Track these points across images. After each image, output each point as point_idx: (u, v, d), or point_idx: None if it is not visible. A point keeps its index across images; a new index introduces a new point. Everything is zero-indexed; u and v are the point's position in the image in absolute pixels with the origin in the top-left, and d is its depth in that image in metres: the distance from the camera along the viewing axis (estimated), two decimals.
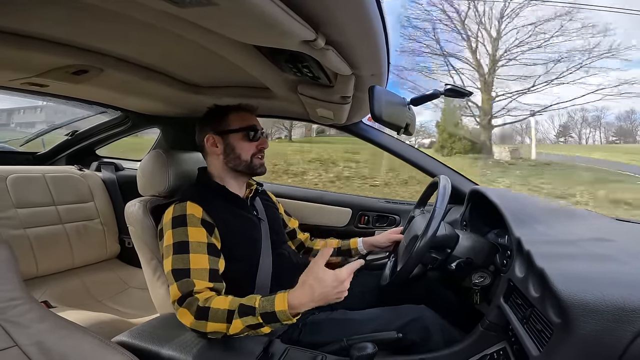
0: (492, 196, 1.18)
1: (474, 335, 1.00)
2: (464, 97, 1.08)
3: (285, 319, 0.82)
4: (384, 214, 1.78)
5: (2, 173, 1.64)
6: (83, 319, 1.20)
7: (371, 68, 0.86)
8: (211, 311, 0.84)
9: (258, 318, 0.82)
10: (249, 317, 0.83)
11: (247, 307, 0.84)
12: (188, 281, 0.90)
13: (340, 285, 0.85)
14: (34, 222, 1.69)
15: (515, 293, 0.90)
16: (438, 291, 1.28)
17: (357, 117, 1.48)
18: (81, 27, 0.84)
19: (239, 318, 0.83)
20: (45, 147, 2.22)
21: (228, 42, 0.79)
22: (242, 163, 1.13)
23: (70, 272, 1.81)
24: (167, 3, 0.54)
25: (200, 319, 0.84)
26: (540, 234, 0.97)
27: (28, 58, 0.97)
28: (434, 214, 0.99)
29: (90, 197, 1.97)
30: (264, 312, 0.82)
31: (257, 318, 0.82)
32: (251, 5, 0.51)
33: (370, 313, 1.12)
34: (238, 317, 0.83)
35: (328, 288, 0.84)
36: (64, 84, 1.22)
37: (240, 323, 0.83)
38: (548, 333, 0.72)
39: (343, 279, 0.85)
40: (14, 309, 0.73)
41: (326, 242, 1.46)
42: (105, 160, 2.22)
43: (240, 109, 1.18)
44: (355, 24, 0.63)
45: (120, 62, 1.07)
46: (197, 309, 0.85)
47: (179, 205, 1.01)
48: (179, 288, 0.89)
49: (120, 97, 1.54)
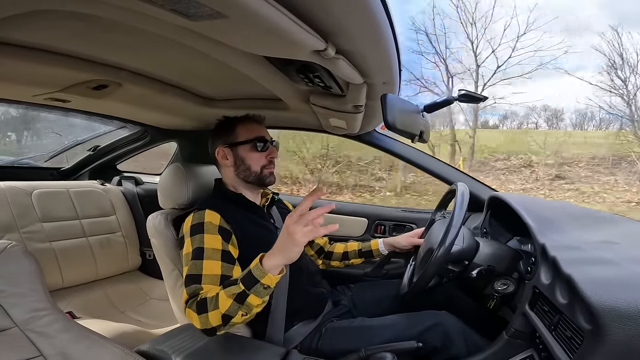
0: (513, 202, 1.15)
1: (499, 343, 0.97)
2: (479, 102, 1.07)
3: (260, 274, 0.80)
4: (400, 223, 1.76)
5: (27, 188, 1.70)
6: (106, 330, 1.22)
7: (383, 76, 0.86)
8: (208, 300, 0.85)
9: (240, 285, 0.82)
10: (232, 286, 0.83)
11: (233, 280, 0.85)
12: (197, 287, 0.91)
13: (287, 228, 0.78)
14: (59, 236, 1.73)
15: (541, 300, 0.87)
16: (459, 298, 1.25)
17: (370, 126, 1.48)
18: (100, 42, 0.87)
19: (223, 290, 0.83)
20: (68, 162, 2.29)
21: (240, 55, 0.81)
22: (252, 174, 1.15)
23: (94, 283, 1.85)
24: (180, 17, 0.55)
25: (201, 313, 0.85)
26: (565, 239, 0.94)
27: (50, 73, 1.01)
28: (451, 224, 0.97)
29: (112, 211, 2.02)
30: (243, 277, 0.82)
31: (239, 285, 0.82)
32: (261, 16, 0.52)
33: (390, 320, 1.10)
34: (223, 290, 0.84)
35: (282, 235, 0.80)
36: (85, 99, 1.26)
37: (225, 295, 0.82)
38: (578, 340, 0.70)
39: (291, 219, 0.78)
40: (40, 320, 0.75)
41: (347, 245, 1.45)
42: (126, 175, 2.28)
43: (247, 119, 1.19)
44: (365, 32, 0.63)
45: (138, 76, 1.11)
46: (196, 304, 0.86)
47: (198, 213, 1.04)
48: (187, 292, 0.91)
49: (139, 112, 1.59)
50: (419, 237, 1.36)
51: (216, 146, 1.17)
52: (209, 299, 0.85)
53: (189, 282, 0.92)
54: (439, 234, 1.00)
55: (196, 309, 0.86)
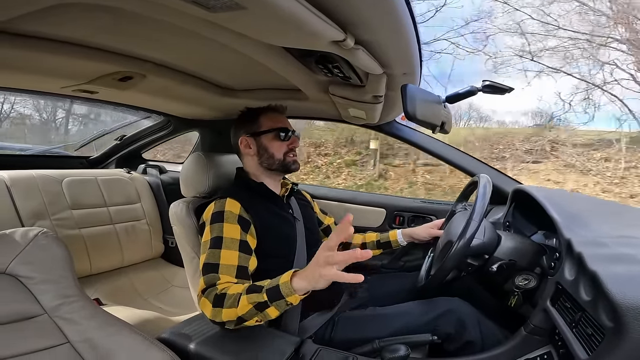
0: (539, 196, 1.11)
1: (517, 338, 0.96)
2: (503, 93, 1.03)
3: (288, 292, 0.79)
4: (419, 214, 1.74)
5: (58, 176, 1.77)
6: (129, 316, 1.27)
7: (403, 67, 0.85)
8: (227, 297, 0.85)
9: (263, 295, 0.81)
10: (255, 294, 0.82)
11: (256, 286, 0.85)
12: (214, 276, 0.92)
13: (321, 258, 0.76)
14: (88, 223, 1.80)
15: (564, 296, 0.85)
16: (477, 292, 1.24)
17: (390, 116, 1.46)
18: (124, 35, 0.89)
19: (245, 295, 0.83)
20: (97, 152, 2.38)
21: (259, 45, 0.81)
22: (276, 162, 1.16)
23: (120, 270, 1.92)
24: (200, 8, 0.56)
25: (216, 306, 0.86)
26: (592, 235, 0.91)
27: (77, 65, 1.04)
28: (472, 216, 0.95)
29: (137, 199, 2.08)
30: (270, 287, 0.81)
31: (262, 295, 0.81)
32: (279, 7, 0.51)
33: (402, 308, 1.10)
34: (245, 294, 0.83)
35: (316, 265, 0.77)
36: (111, 90, 1.30)
37: (246, 300, 0.82)
38: (599, 337, 0.69)
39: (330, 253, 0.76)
40: (68, 306, 0.78)
41: (365, 236, 1.44)
42: (150, 163, 2.34)
43: (270, 110, 1.21)
44: (384, 22, 0.62)
45: (161, 67, 1.13)
46: (214, 297, 0.87)
47: (219, 201, 1.06)
48: (205, 281, 0.93)
49: (162, 102, 1.63)
50: (439, 228, 1.34)
51: (239, 136, 1.19)
52: (227, 296, 0.85)
53: (206, 270, 0.94)
54: (459, 226, 0.99)
55: (212, 300, 0.87)
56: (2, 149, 2.36)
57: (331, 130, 7.82)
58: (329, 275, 0.74)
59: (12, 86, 1.29)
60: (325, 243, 0.78)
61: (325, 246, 0.77)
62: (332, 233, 0.79)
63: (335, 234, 0.77)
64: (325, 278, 0.75)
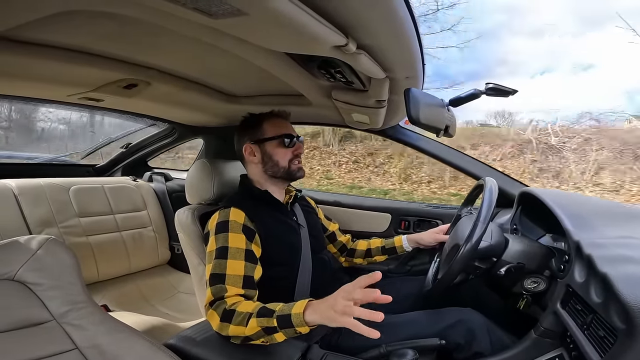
0: (546, 198, 1.11)
1: (527, 341, 0.95)
2: (507, 96, 1.02)
3: (298, 323, 0.79)
4: (425, 219, 1.73)
5: (65, 185, 1.79)
6: (136, 322, 1.27)
7: (405, 70, 0.85)
8: (236, 314, 0.85)
9: (274, 321, 0.80)
10: (265, 318, 0.82)
11: (268, 309, 0.84)
12: (222, 287, 0.92)
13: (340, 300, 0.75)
14: (95, 230, 1.82)
15: (574, 298, 0.85)
16: (484, 295, 1.22)
17: (393, 120, 1.46)
18: (129, 42, 0.90)
19: (256, 317, 0.83)
20: (103, 159, 2.40)
21: (261, 51, 0.82)
22: (281, 169, 1.15)
23: (127, 277, 1.93)
24: (202, 15, 0.56)
25: (224, 321, 0.86)
26: (601, 236, 0.90)
27: (82, 73, 1.05)
28: (479, 219, 0.94)
29: (143, 206, 2.10)
30: (281, 314, 0.81)
31: (273, 320, 0.81)
32: (280, 13, 0.52)
33: (412, 316, 1.09)
34: (255, 317, 0.83)
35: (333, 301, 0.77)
36: (117, 98, 1.31)
37: (255, 323, 0.82)
38: (611, 339, 0.68)
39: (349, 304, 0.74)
40: (76, 312, 0.78)
41: (369, 242, 1.44)
42: (156, 171, 2.36)
43: (273, 116, 1.20)
44: (386, 26, 0.62)
45: (164, 74, 1.14)
46: (223, 311, 0.87)
47: (223, 211, 1.05)
48: (212, 292, 0.92)
49: (166, 109, 1.64)
50: (444, 233, 1.33)
51: (243, 143, 1.18)
52: (237, 313, 0.85)
53: (213, 281, 0.94)
54: (466, 230, 0.98)
55: (221, 314, 0.87)
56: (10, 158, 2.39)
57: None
58: (344, 324, 0.74)
59: (19, 94, 1.31)
60: (347, 291, 0.77)
61: (346, 295, 0.76)
62: (356, 285, 0.77)
63: (361, 291, 0.75)
64: (340, 325, 0.75)
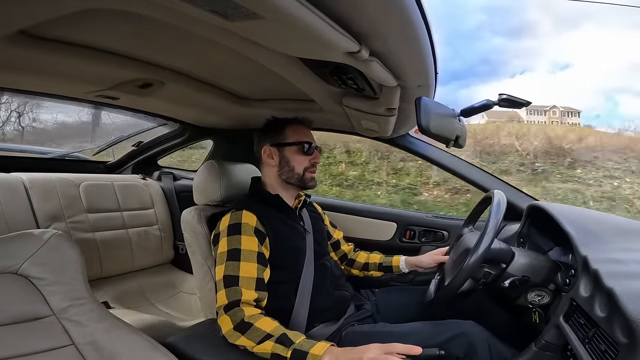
0: (555, 212, 1.10)
1: (528, 354, 0.95)
2: (521, 107, 1.02)
3: None
4: (431, 229, 1.71)
5: (76, 180, 1.80)
6: (137, 321, 1.27)
7: (418, 79, 0.85)
8: (252, 328, 0.86)
9: (289, 352, 0.82)
10: (282, 346, 0.83)
11: (287, 338, 0.85)
12: (236, 289, 0.92)
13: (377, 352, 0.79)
14: (102, 227, 1.82)
15: (577, 312, 0.85)
16: (486, 308, 1.21)
17: (403, 129, 1.46)
18: (146, 42, 0.91)
19: (273, 342, 0.84)
20: (114, 157, 2.43)
21: (275, 55, 0.82)
22: (295, 176, 1.16)
23: (129, 274, 1.92)
24: (219, 17, 0.57)
25: (238, 331, 0.87)
26: (609, 252, 0.90)
27: (100, 71, 1.06)
28: (488, 225, 0.94)
29: (151, 205, 2.10)
30: (299, 349, 0.82)
31: (288, 351, 0.82)
32: (295, 18, 0.52)
33: (412, 327, 1.08)
34: (273, 342, 0.84)
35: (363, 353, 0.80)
36: (132, 96, 1.33)
37: (270, 347, 0.83)
38: (612, 353, 0.69)
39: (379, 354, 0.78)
40: (77, 308, 0.78)
41: (369, 256, 1.43)
42: (165, 170, 2.37)
43: (296, 122, 1.21)
44: (399, 34, 0.63)
45: (179, 75, 1.15)
46: (240, 321, 0.88)
47: (235, 213, 1.06)
48: (227, 295, 0.93)
49: (179, 110, 1.66)
50: (444, 254, 1.31)
51: (263, 145, 1.19)
52: (253, 328, 0.87)
53: (227, 283, 0.94)
54: (473, 239, 0.98)
55: (236, 323, 0.88)
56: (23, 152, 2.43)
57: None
58: None
59: (36, 90, 1.33)
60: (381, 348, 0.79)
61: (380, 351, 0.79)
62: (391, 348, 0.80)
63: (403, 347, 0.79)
64: None
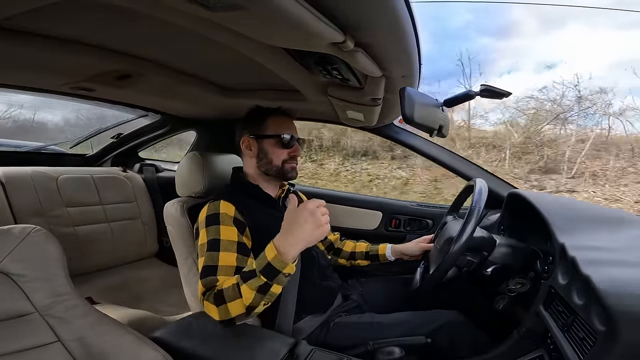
0: (534, 200, 1.12)
1: (509, 342, 0.97)
2: (501, 98, 1.03)
3: (281, 265, 0.82)
4: (415, 218, 1.74)
5: (53, 174, 1.76)
6: (122, 316, 1.25)
7: (402, 69, 0.85)
8: (224, 292, 0.86)
9: (260, 277, 0.83)
10: (252, 279, 0.84)
11: (247, 272, 0.86)
12: (213, 278, 0.92)
13: (313, 217, 0.85)
14: (83, 221, 1.79)
15: (556, 300, 0.87)
16: (470, 296, 1.24)
17: (388, 119, 1.46)
18: (124, 33, 0.89)
19: (244, 284, 0.84)
20: (93, 149, 2.36)
21: (258, 46, 0.81)
22: (274, 168, 1.14)
23: (113, 269, 1.90)
24: (200, 7, 0.56)
25: (220, 305, 0.86)
26: (586, 239, 0.92)
27: (75, 63, 1.03)
28: (471, 214, 0.96)
29: (133, 198, 2.07)
30: (262, 268, 0.83)
31: (259, 277, 0.83)
32: (278, 8, 0.51)
33: (399, 317, 1.10)
34: (243, 283, 0.85)
35: (305, 224, 0.84)
36: (109, 88, 1.30)
37: (247, 289, 0.84)
38: (591, 341, 0.70)
39: (312, 209, 0.85)
40: (60, 305, 0.76)
41: (356, 244, 1.45)
42: (146, 162, 2.33)
43: (279, 113, 1.19)
44: (384, 25, 0.62)
45: (159, 66, 1.13)
46: (214, 297, 0.88)
47: (213, 204, 1.04)
48: (203, 284, 0.92)
49: (160, 101, 1.62)
50: (428, 242, 1.34)
51: (242, 135, 1.17)
52: (225, 290, 0.86)
53: (205, 273, 0.93)
54: (457, 227, 0.99)
55: (214, 301, 0.87)
56: None
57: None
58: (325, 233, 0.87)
59: (10, 83, 1.28)
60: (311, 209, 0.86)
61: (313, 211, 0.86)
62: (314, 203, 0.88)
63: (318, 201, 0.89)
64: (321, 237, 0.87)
